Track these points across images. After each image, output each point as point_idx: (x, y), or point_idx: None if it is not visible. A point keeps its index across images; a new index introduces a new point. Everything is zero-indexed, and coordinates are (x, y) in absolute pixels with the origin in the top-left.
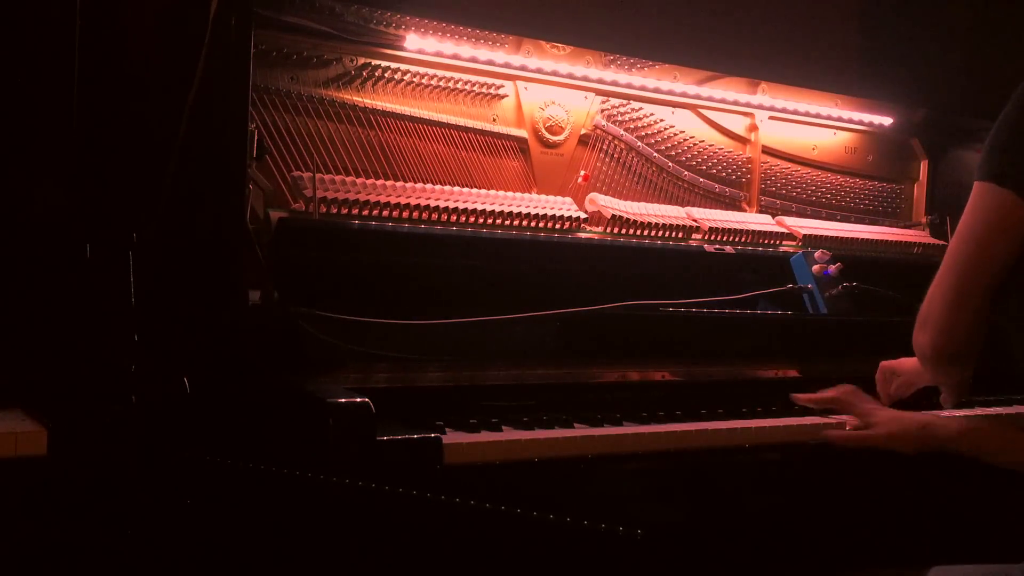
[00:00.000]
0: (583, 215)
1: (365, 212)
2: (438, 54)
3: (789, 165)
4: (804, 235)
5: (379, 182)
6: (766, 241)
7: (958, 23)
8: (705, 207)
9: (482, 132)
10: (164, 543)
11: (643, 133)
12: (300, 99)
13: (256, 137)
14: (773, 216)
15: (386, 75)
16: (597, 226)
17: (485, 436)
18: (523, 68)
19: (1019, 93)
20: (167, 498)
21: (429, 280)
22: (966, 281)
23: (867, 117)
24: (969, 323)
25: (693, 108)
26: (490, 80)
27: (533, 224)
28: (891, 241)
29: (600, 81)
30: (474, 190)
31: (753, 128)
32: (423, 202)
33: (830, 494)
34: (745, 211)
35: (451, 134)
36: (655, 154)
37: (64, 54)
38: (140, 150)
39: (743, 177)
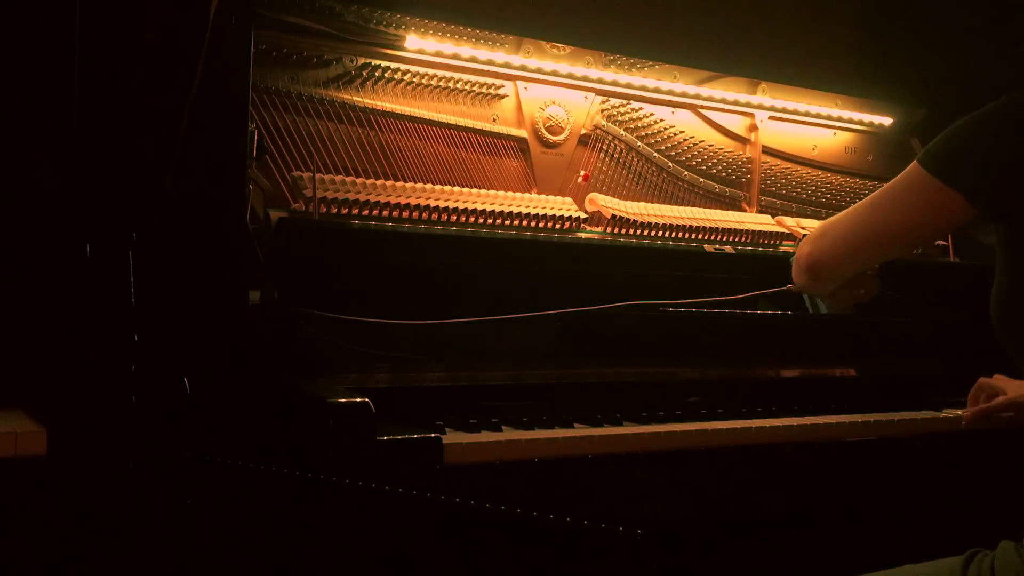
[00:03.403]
0: (583, 215)
1: (365, 212)
2: (438, 54)
3: (789, 165)
4: (804, 235)
5: (379, 182)
6: (766, 241)
7: (958, 23)
8: (705, 207)
9: (482, 132)
10: (164, 543)
11: (643, 133)
12: (300, 99)
13: (256, 137)
14: (773, 216)
15: (386, 75)
16: (597, 226)
17: (485, 436)
18: (523, 68)
19: (1001, 109)
20: (167, 498)
21: (429, 280)
22: (875, 245)
23: (867, 117)
24: (849, 266)
25: (693, 108)
26: (490, 80)
27: (533, 224)
28: None
29: (600, 81)
30: (474, 190)
31: (753, 128)
32: (423, 202)
33: (833, 495)
34: (745, 211)
35: (451, 134)
36: (655, 154)
37: (64, 54)
38: (140, 149)
39: (743, 177)
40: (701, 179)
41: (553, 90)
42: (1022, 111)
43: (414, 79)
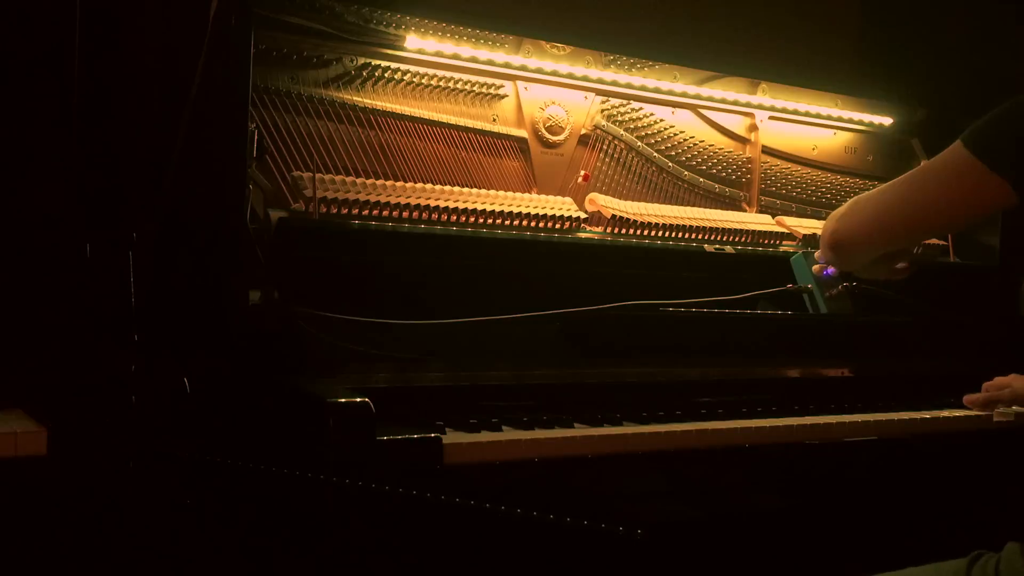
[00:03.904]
0: (583, 215)
1: (365, 212)
2: (438, 54)
3: (789, 165)
4: (804, 235)
5: (379, 182)
6: (766, 241)
7: (958, 23)
8: (705, 207)
9: (482, 132)
10: (164, 543)
11: (643, 133)
12: (300, 99)
13: (256, 137)
14: (773, 216)
15: (386, 75)
16: (597, 226)
17: (485, 436)
18: (523, 68)
19: None
20: (167, 498)
21: (429, 280)
22: (905, 226)
23: (867, 117)
24: (874, 246)
25: (693, 108)
26: (490, 80)
27: (533, 224)
28: None
29: (600, 81)
30: (474, 190)
31: (753, 128)
32: (423, 202)
33: (833, 495)
34: (745, 211)
35: (451, 134)
36: (655, 154)
37: (64, 54)
38: (140, 150)
39: (743, 177)
40: (701, 179)
41: (553, 90)
42: None
43: (414, 79)
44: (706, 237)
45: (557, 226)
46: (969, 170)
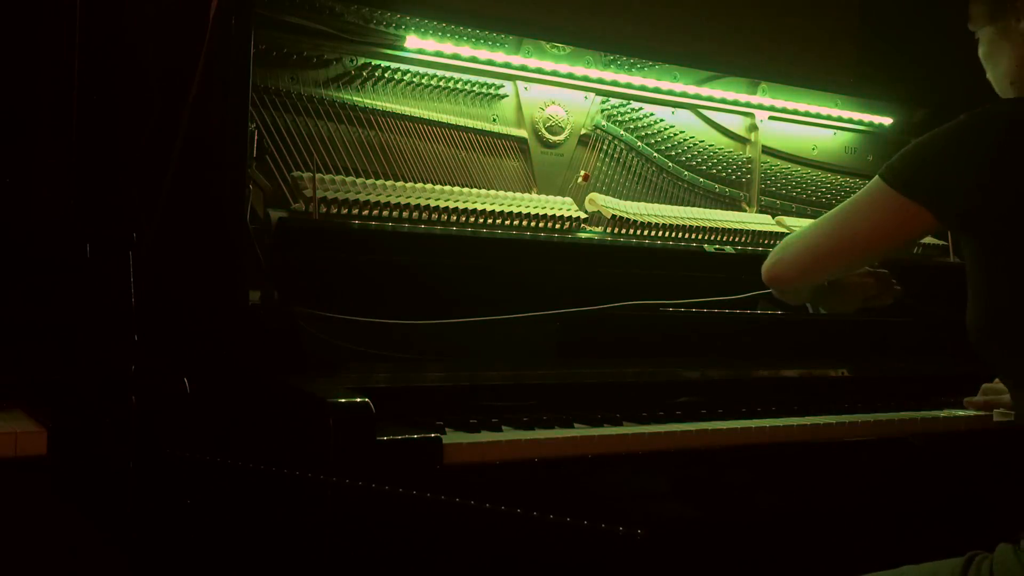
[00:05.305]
0: (583, 215)
1: (365, 212)
2: (438, 54)
3: (789, 165)
4: None
5: (379, 182)
6: (766, 241)
7: (958, 23)
8: (705, 207)
9: (482, 132)
10: (164, 543)
11: (643, 133)
12: (300, 99)
13: (256, 137)
14: (773, 216)
15: (386, 75)
16: (597, 226)
17: (485, 436)
18: (523, 68)
19: (962, 124)
20: (167, 498)
21: (429, 280)
22: (836, 258)
23: (867, 117)
24: (809, 278)
25: (693, 108)
26: (490, 80)
27: (533, 224)
28: None
29: (600, 81)
30: (474, 190)
31: (753, 128)
32: (423, 202)
33: (833, 495)
34: (745, 211)
35: (451, 134)
36: (655, 154)
37: (64, 53)
38: (140, 150)
39: (743, 177)
40: (701, 179)
41: (553, 90)
42: (983, 125)
43: (414, 79)
44: (706, 237)
45: (557, 226)
46: (891, 202)
